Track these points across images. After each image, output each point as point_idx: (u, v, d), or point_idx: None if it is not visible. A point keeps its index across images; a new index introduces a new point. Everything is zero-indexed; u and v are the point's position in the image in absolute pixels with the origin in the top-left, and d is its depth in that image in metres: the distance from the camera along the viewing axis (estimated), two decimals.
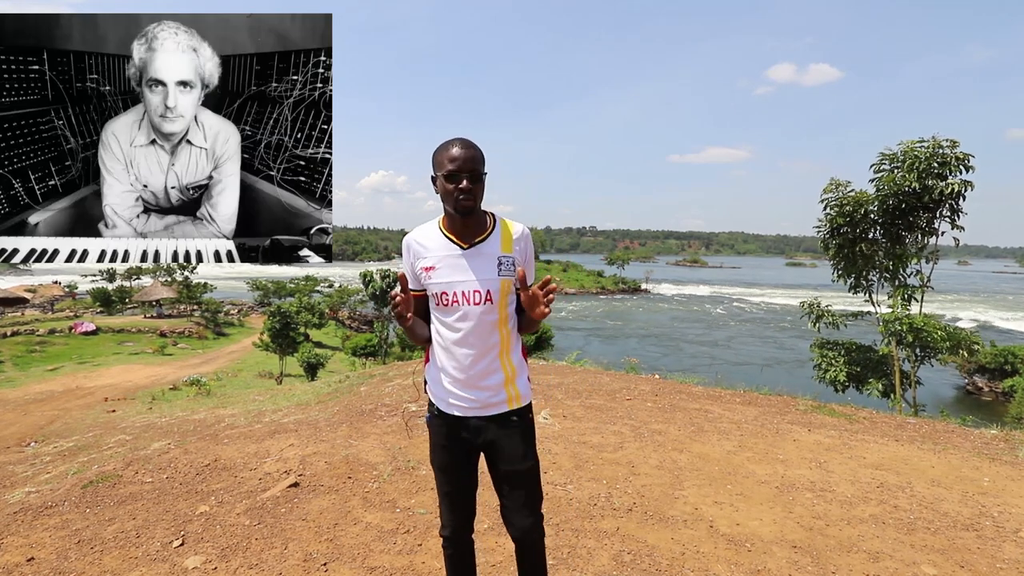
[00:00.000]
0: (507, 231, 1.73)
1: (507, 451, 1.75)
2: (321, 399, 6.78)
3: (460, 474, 1.81)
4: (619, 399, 5.80)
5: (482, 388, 1.72)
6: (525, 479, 1.78)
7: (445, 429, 1.78)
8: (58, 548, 2.74)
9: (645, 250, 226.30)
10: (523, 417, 1.77)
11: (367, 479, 3.54)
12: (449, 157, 1.61)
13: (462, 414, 1.74)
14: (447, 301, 1.68)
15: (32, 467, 4.68)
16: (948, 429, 5.22)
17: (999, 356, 25.00)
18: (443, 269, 1.68)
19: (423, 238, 1.73)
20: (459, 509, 1.83)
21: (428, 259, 1.70)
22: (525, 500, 1.78)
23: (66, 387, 17.86)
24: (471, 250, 1.68)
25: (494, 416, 1.74)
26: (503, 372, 1.73)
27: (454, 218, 1.67)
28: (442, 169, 1.62)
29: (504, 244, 1.71)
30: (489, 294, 1.67)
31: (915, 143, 8.68)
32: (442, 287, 1.68)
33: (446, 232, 1.71)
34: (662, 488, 3.47)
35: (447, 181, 1.61)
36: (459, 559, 1.87)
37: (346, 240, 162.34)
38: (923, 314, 9.02)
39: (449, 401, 1.75)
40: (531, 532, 1.79)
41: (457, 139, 1.64)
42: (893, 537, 2.91)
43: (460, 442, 1.77)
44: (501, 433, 1.74)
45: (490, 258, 1.68)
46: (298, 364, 23.88)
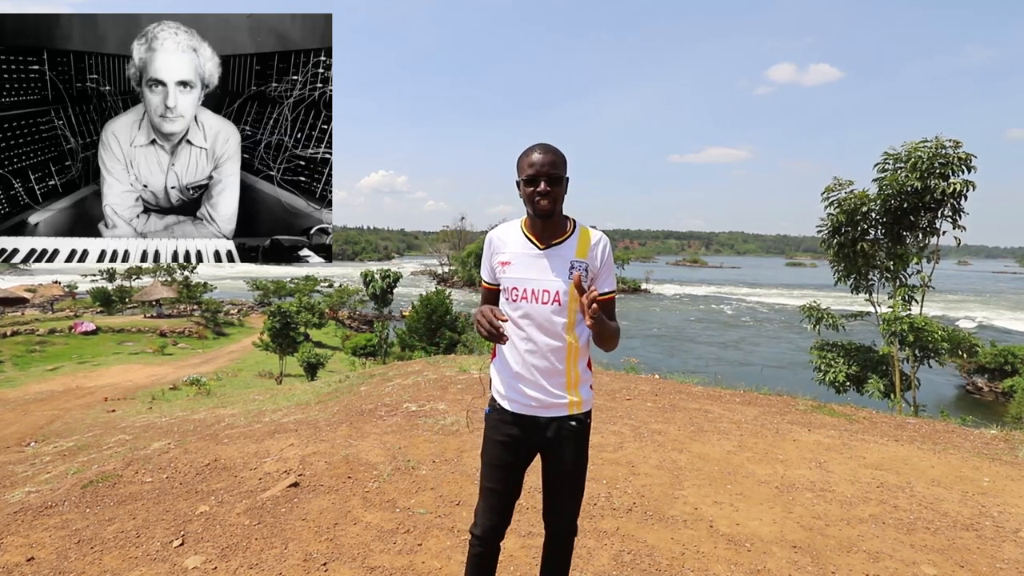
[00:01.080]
0: (585, 237, 1.76)
1: (561, 454, 1.78)
2: (321, 399, 6.78)
3: (509, 473, 1.82)
4: (619, 399, 5.80)
5: (543, 388, 1.74)
6: (574, 481, 1.82)
7: (502, 425, 1.80)
8: (58, 548, 2.74)
9: (645, 250, 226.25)
10: (581, 423, 1.79)
11: (367, 479, 3.54)
12: (529, 162, 1.66)
13: (520, 411, 1.76)
14: (516, 297, 1.74)
15: (32, 467, 4.68)
16: (948, 429, 5.22)
17: (999, 356, 24.98)
18: (517, 266, 1.74)
19: (504, 234, 1.80)
20: (499, 511, 1.83)
21: (505, 255, 1.77)
22: (570, 501, 1.84)
23: (66, 387, 17.87)
24: (547, 251, 1.73)
25: (553, 418, 1.76)
26: (566, 376, 1.75)
27: (534, 220, 1.73)
28: (523, 173, 1.68)
29: (580, 249, 1.74)
30: (557, 295, 1.70)
31: (919, 144, 8.69)
32: (513, 282, 1.74)
33: (526, 232, 1.77)
34: (662, 488, 3.47)
35: (527, 184, 1.67)
36: (484, 561, 1.87)
37: (346, 240, 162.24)
38: (923, 315, 9.02)
39: (511, 397, 1.78)
40: (569, 528, 1.86)
41: (539, 144, 1.69)
42: (893, 537, 2.91)
43: (516, 440, 1.79)
44: (558, 435, 1.77)
45: (563, 260, 1.72)
46: (298, 364, 23.88)
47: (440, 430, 4.52)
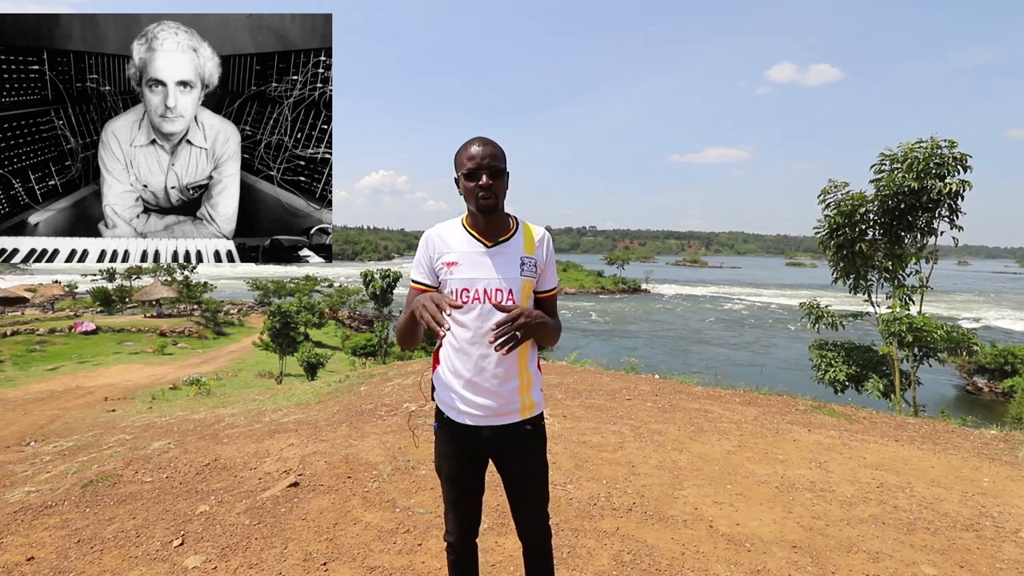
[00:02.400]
0: (529, 233, 1.73)
1: (519, 459, 1.75)
2: (321, 399, 6.78)
3: (468, 484, 1.78)
4: (619, 399, 5.80)
5: (496, 394, 1.66)
6: (536, 485, 1.79)
7: (454, 438, 1.73)
8: (58, 547, 2.74)
9: (645, 250, 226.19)
10: (536, 426, 1.76)
11: (367, 479, 3.54)
12: (468, 155, 1.60)
13: (473, 423, 1.68)
14: (467, 298, 1.65)
15: (32, 466, 4.68)
16: (948, 429, 5.22)
17: (999, 356, 24.97)
18: (465, 265, 1.66)
19: (446, 233, 1.71)
20: (464, 517, 1.81)
21: (451, 255, 1.68)
22: (535, 504, 1.80)
23: (66, 386, 17.86)
24: (495, 248, 1.67)
25: (507, 425, 1.70)
26: (519, 379, 1.69)
27: (477, 217, 1.67)
28: (462, 168, 1.62)
29: (527, 245, 1.70)
30: (511, 293, 1.64)
31: (915, 144, 8.70)
32: (463, 283, 1.65)
33: (470, 229, 1.70)
34: (662, 488, 3.47)
35: (467, 179, 1.61)
36: (462, 564, 1.87)
37: (346, 240, 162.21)
38: (922, 315, 9.03)
39: (460, 408, 1.69)
40: (540, 533, 1.82)
41: (477, 137, 1.64)
42: (893, 537, 2.91)
43: (469, 452, 1.73)
44: (514, 442, 1.72)
45: (513, 257, 1.67)
46: (298, 364, 23.88)
47: None
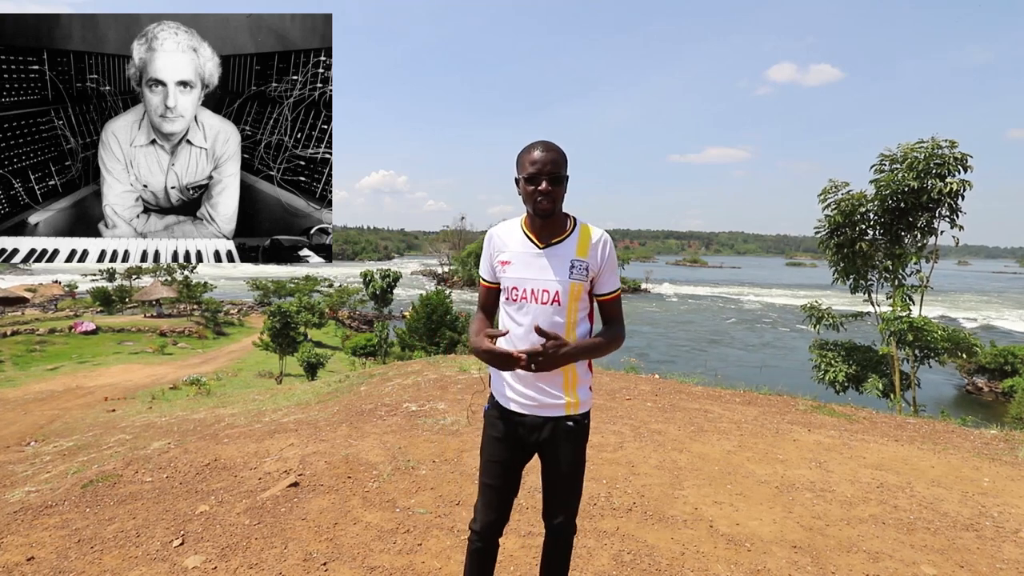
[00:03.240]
0: (585, 235, 1.75)
1: (559, 454, 1.78)
2: (321, 399, 6.78)
3: (506, 470, 1.83)
4: (619, 399, 5.80)
5: (541, 388, 1.74)
6: (571, 481, 1.82)
7: (501, 423, 1.81)
8: (58, 547, 2.74)
9: (645, 250, 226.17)
10: (579, 423, 1.79)
11: (367, 479, 3.54)
12: (530, 160, 1.65)
13: (519, 410, 1.77)
14: (516, 296, 1.74)
15: (32, 466, 4.69)
16: (948, 429, 5.23)
17: (999, 356, 24.96)
18: (517, 265, 1.74)
19: (505, 233, 1.80)
20: (496, 506, 1.85)
21: (506, 254, 1.77)
22: (568, 500, 1.84)
23: (66, 386, 17.86)
24: (546, 250, 1.73)
25: (550, 417, 1.76)
26: (564, 376, 1.75)
27: (534, 218, 1.73)
28: (523, 171, 1.67)
29: (580, 248, 1.73)
30: (557, 295, 1.70)
31: (915, 144, 8.70)
32: (513, 282, 1.74)
33: (526, 230, 1.77)
34: (662, 488, 3.47)
35: (528, 183, 1.66)
36: (482, 554, 1.90)
37: (346, 240, 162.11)
38: (922, 316, 9.03)
39: (508, 396, 1.78)
40: (567, 527, 1.86)
41: (540, 142, 1.69)
42: (893, 537, 2.91)
43: (513, 438, 1.80)
44: (556, 436, 1.77)
45: (563, 260, 1.71)
46: (298, 364, 23.87)
47: (440, 430, 4.52)
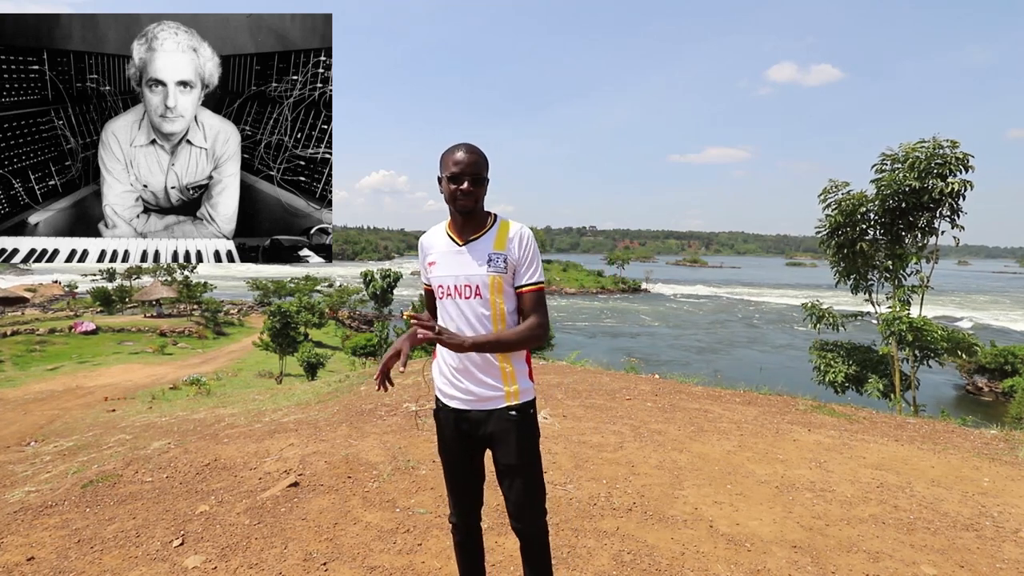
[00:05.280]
0: (504, 230, 1.81)
1: (505, 446, 1.80)
2: (321, 399, 6.78)
3: (463, 466, 1.89)
4: (619, 399, 5.80)
5: (479, 381, 1.78)
6: (524, 474, 1.81)
7: (447, 422, 1.86)
8: (58, 547, 2.74)
9: (645, 250, 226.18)
10: (522, 412, 1.80)
11: (367, 479, 3.54)
12: (454, 160, 1.72)
13: (461, 407, 1.81)
14: (441, 294, 1.81)
15: (32, 466, 4.69)
16: (948, 429, 5.23)
17: (999, 356, 24.95)
18: (440, 264, 1.82)
19: (431, 237, 1.88)
20: (464, 497, 1.92)
21: (432, 255, 1.85)
22: (525, 496, 1.82)
23: (66, 386, 17.86)
24: (466, 246, 1.79)
25: (491, 411, 1.79)
26: (499, 368, 1.79)
27: (455, 217, 1.80)
28: (446, 171, 1.73)
29: (498, 242, 1.78)
30: (478, 288, 1.75)
31: (916, 144, 8.70)
32: (438, 280, 1.82)
33: (449, 231, 1.84)
34: (662, 488, 3.47)
35: (450, 182, 1.73)
36: (467, 546, 1.94)
37: (346, 240, 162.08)
38: (922, 316, 9.03)
39: (449, 393, 1.84)
40: (531, 527, 1.84)
41: (463, 144, 1.75)
42: (893, 537, 2.91)
43: (461, 435, 1.84)
44: (499, 428, 1.79)
45: (481, 254, 1.77)
46: (298, 364, 23.88)
47: None
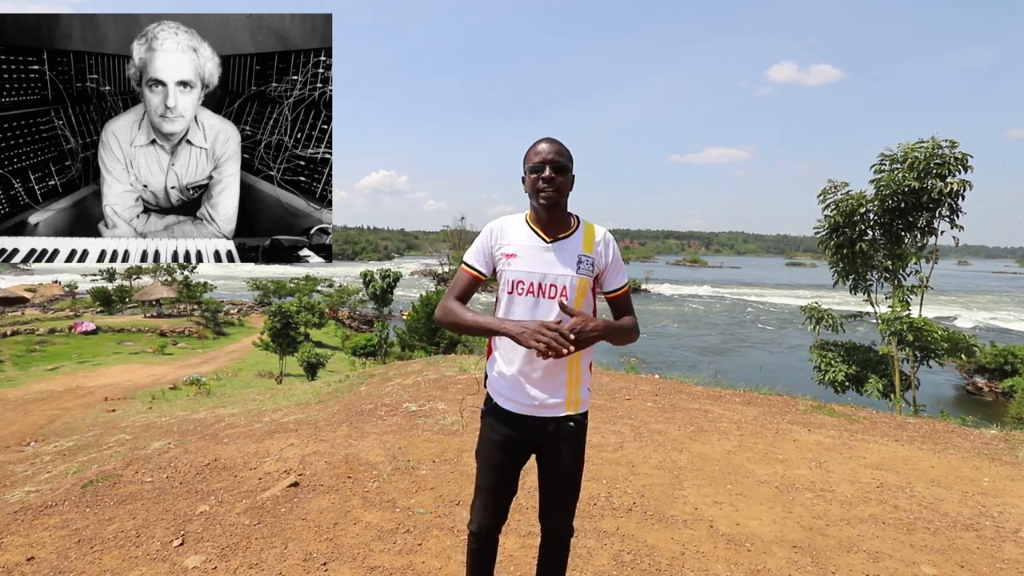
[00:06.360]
0: (590, 232, 1.77)
1: (559, 455, 1.77)
2: (321, 399, 6.78)
3: (505, 472, 1.81)
4: (619, 399, 5.80)
5: (543, 387, 1.72)
6: (571, 482, 1.81)
7: (499, 424, 1.78)
8: (58, 547, 2.74)
9: (645, 250, 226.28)
10: (579, 423, 1.78)
11: (367, 479, 3.54)
12: (535, 151, 1.69)
13: (519, 411, 1.74)
14: (523, 290, 1.71)
15: (32, 466, 4.69)
16: (948, 429, 5.23)
17: (999, 356, 24.94)
18: (524, 258, 1.72)
19: (508, 226, 1.78)
20: (493, 508, 1.84)
21: (511, 247, 1.74)
22: (567, 501, 1.82)
23: (66, 386, 17.85)
24: (554, 244, 1.72)
25: (551, 418, 1.74)
26: (567, 374, 1.73)
27: (539, 212, 1.73)
28: (529, 162, 1.69)
29: (586, 244, 1.74)
30: (564, 290, 1.69)
31: (915, 144, 8.70)
32: (520, 275, 1.71)
33: (532, 225, 1.76)
34: (662, 488, 3.47)
35: (532, 172, 1.68)
36: (482, 554, 1.89)
37: (346, 240, 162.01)
38: (922, 316, 9.03)
39: (508, 396, 1.75)
40: (564, 528, 1.85)
41: (546, 137, 1.72)
42: (893, 537, 2.91)
43: (511, 440, 1.78)
44: (555, 436, 1.75)
45: (571, 255, 1.71)
46: (298, 364, 23.86)
47: (440, 430, 4.52)
